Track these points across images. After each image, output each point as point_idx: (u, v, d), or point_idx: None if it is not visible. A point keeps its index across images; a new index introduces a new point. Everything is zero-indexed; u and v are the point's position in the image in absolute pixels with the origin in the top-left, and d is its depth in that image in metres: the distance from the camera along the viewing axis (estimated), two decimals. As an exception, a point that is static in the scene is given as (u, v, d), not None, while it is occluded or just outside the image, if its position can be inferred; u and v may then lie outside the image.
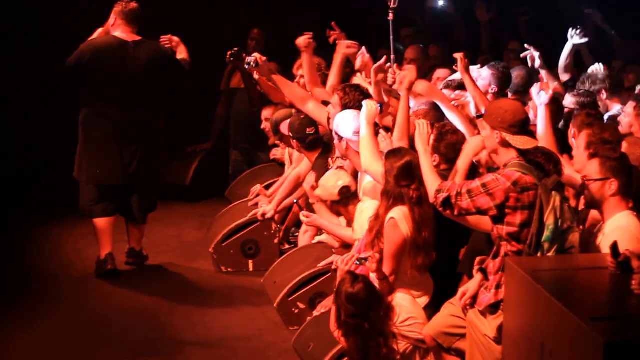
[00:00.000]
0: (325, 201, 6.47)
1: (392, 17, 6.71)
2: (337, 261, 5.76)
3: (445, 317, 5.19)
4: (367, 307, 5.04)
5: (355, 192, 6.38)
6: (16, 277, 7.73)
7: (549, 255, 4.58)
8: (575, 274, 4.29)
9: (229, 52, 8.06)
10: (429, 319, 5.31)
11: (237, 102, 9.78)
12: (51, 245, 8.49)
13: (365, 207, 6.04)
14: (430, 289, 5.49)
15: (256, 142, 9.48)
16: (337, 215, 6.60)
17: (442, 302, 5.30)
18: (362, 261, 5.54)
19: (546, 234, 4.59)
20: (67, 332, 6.68)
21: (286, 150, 8.40)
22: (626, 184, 4.81)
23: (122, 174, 7.58)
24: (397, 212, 5.36)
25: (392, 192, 5.40)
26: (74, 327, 6.77)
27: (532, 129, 5.26)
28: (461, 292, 5.01)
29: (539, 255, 4.59)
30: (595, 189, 4.82)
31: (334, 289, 5.31)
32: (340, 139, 6.28)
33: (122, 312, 7.05)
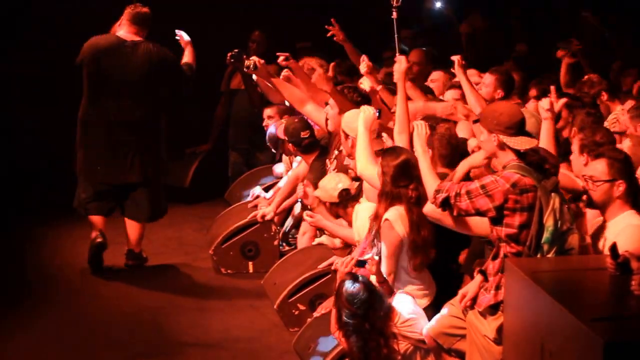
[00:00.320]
0: (324, 203, 6.47)
1: (396, 15, 6.70)
2: (336, 263, 5.76)
3: (445, 317, 5.19)
4: (368, 307, 5.05)
5: (355, 195, 6.39)
6: (16, 277, 7.74)
7: (548, 256, 4.59)
8: (575, 275, 4.30)
9: (229, 54, 8.07)
10: (429, 320, 5.32)
11: (237, 104, 9.80)
12: (51, 245, 8.50)
13: (361, 209, 6.05)
14: (432, 290, 5.51)
15: (256, 143, 9.50)
16: (335, 217, 6.60)
17: (443, 302, 5.31)
18: (361, 264, 5.55)
19: (545, 235, 4.60)
20: (66, 333, 6.68)
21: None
22: (631, 185, 4.83)
23: (117, 173, 7.60)
24: (392, 213, 5.37)
25: (389, 192, 5.40)
26: (74, 327, 6.77)
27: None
28: (461, 294, 5.02)
29: (538, 256, 4.61)
30: (602, 190, 4.82)
31: (334, 290, 5.32)
32: (346, 137, 6.28)
33: (122, 313, 7.05)
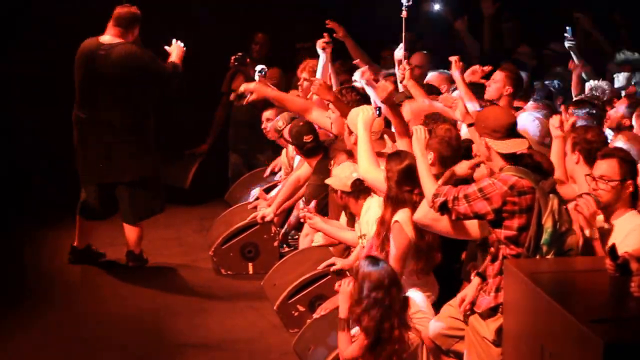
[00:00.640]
0: (335, 191, 6.42)
1: (405, 14, 6.70)
2: (339, 283, 5.65)
3: (444, 319, 5.20)
4: (390, 283, 4.94)
5: (367, 187, 6.35)
6: (16, 277, 7.75)
7: (547, 257, 4.60)
8: (574, 276, 4.31)
9: (233, 57, 8.12)
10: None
11: (237, 105, 9.81)
12: (51, 245, 8.48)
13: (373, 203, 6.00)
14: (435, 292, 5.51)
15: (255, 145, 9.51)
16: (343, 209, 6.55)
17: (442, 303, 5.32)
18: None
19: (544, 237, 4.60)
20: (66, 333, 6.69)
21: (283, 152, 8.44)
22: (636, 184, 4.86)
23: (102, 174, 7.65)
24: (402, 215, 5.36)
25: (395, 197, 5.39)
26: (74, 327, 6.78)
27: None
28: (460, 298, 5.02)
29: (537, 257, 4.62)
30: (614, 189, 4.82)
31: (354, 271, 5.19)
32: (350, 132, 6.29)
33: (122, 314, 7.06)
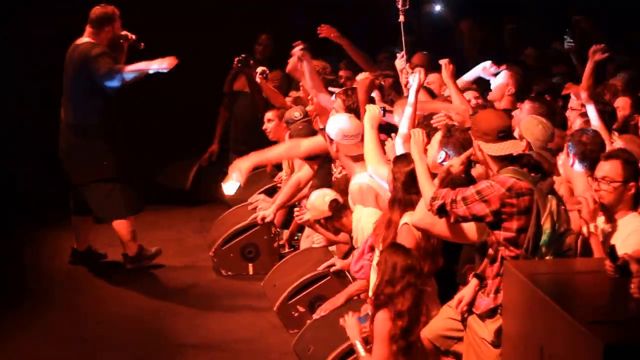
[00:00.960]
0: (319, 223, 6.44)
1: (402, 19, 6.73)
2: (343, 318, 5.61)
3: (442, 320, 5.19)
4: (420, 270, 5.00)
5: (344, 204, 6.39)
6: (16, 277, 7.77)
7: (546, 258, 4.61)
8: (574, 278, 4.30)
9: (237, 58, 8.13)
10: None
11: (239, 106, 9.81)
12: (51, 245, 8.51)
13: (364, 212, 6.02)
14: (435, 291, 5.52)
15: (256, 146, 9.50)
16: (335, 233, 6.59)
17: (441, 304, 5.32)
18: (365, 317, 5.53)
19: (543, 238, 4.60)
20: (66, 333, 6.71)
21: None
22: (638, 186, 4.87)
23: (70, 175, 7.74)
24: (410, 218, 5.36)
25: (402, 199, 5.37)
26: (74, 327, 6.80)
27: None
28: (457, 299, 5.03)
29: (536, 259, 4.62)
30: (616, 190, 4.84)
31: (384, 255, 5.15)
32: (331, 141, 6.32)
33: (122, 315, 7.07)
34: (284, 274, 6.95)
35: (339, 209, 6.27)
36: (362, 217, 6.03)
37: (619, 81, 7.75)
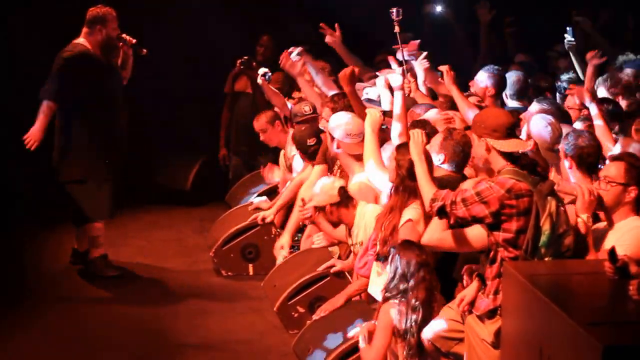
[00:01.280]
0: (324, 210, 6.41)
1: (398, 29, 6.75)
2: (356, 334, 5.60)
3: (443, 321, 5.20)
4: (432, 266, 5.09)
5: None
6: (16, 277, 7.76)
7: (546, 260, 4.61)
8: (573, 279, 4.30)
9: (239, 60, 8.14)
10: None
11: (240, 107, 9.82)
12: (51, 245, 8.51)
13: (368, 208, 6.03)
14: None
15: (256, 146, 9.52)
16: (335, 224, 6.56)
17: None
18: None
19: (542, 239, 4.60)
20: (66, 333, 6.71)
21: (281, 154, 8.45)
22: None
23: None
24: (413, 213, 5.34)
25: (406, 186, 5.35)
26: (74, 328, 6.80)
27: None
28: (459, 299, 5.03)
29: (535, 260, 4.63)
30: (614, 192, 4.84)
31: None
32: (332, 138, 6.31)
33: (123, 315, 7.07)
34: (284, 275, 6.95)
35: (346, 197, 6.24)
36: (366, 213, 6.03)
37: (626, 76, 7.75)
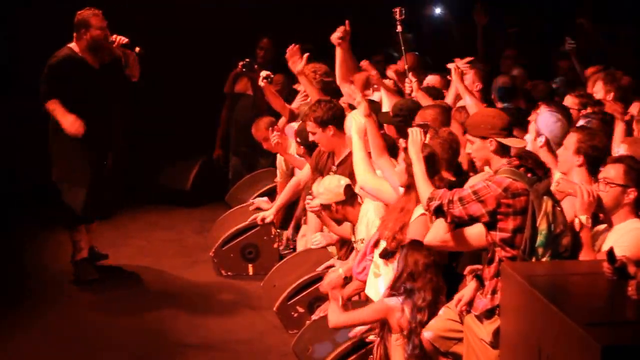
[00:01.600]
0: (329, 208, 6.39)
1: (400, 29, 6.76)
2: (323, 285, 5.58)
3: (442, 321, 5.19)
4: (440, 267, 5.13)
5: (356, 193, 6.37)
6: (16, 277, 7.78)
7: (543, 260, 4.62)
8: (571, 279, 4.30)
9: (241, 63, 8.14)
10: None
11: (240, 108, 9.82)
12: (52, 245, 8.52)
13: (371, 206, 6.01)
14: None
15: (256, 147, 9.53)
16: (339, 222, 6.55)
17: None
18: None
19: (540, 239, 4.60)
20: (66, 333, 6.72)
21: (278, 156, 8.45)
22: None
23: None
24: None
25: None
26: (74, 328, 6.81)
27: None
28: (457, 299, 5.04)
29: (533, 260, 4.64)
30: (613, 194, 4.84)
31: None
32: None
33: (123, 315, 7.08)
34: (283, 275, 6.97)
35: (352, 195, 6.23)
36: (369, 210, 6.02)
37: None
